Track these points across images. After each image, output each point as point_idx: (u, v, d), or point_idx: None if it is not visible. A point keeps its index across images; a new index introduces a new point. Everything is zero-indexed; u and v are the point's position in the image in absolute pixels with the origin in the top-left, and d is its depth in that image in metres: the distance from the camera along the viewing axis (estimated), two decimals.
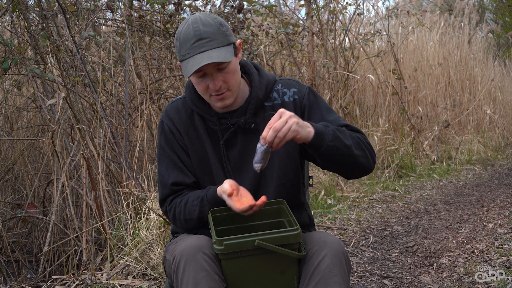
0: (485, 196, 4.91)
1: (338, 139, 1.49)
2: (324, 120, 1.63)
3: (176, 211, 1.68)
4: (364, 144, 1.58)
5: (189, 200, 1.66)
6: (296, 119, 1.43)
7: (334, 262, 1.46)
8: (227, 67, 1.56)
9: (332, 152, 1.50)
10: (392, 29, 7.51)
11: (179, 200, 1.68)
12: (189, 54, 1.53)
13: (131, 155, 3.70)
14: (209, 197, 1.62)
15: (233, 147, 1.69)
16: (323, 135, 1.48)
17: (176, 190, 1.71)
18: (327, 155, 1.51)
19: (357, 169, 1.59)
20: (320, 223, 3.93)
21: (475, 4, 13.11)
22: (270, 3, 5.47)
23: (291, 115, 1.44)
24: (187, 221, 1.67)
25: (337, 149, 1.50)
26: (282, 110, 1.45)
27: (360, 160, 1.56)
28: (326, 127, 1.50)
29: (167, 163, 1.71)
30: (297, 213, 1.74)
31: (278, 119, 1.43)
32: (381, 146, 5.92)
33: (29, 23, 3.35)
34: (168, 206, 1.71)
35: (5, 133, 3.77)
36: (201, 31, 1.53)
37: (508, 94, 9.54)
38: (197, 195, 1.66)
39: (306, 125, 1.46)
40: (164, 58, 4.61)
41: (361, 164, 1.57)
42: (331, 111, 1.69)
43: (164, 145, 1.72)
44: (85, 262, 2.92)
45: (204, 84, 1.59)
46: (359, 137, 1.58)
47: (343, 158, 1.53)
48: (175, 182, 1.69)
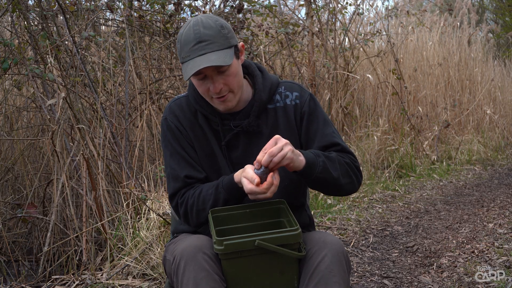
0: (485, 196, 4.91)
1: (327, 171, 1.56)
2: (320, 132, 1.68)
3: (188, 203, 1.64)
4: (352, 169, 1.65)
5: (203, 190, 1.63)
6: (291, 147, 1.47)
7: (334, 262, 1.46)
8: (228, 70, 1.56)
9: (320, 182, 1.57)
10: (392, 29, 7.51)
11: (192, 192, 1.65)
12: (189, 56, 1.53)
13: (131, 155, 3.70)
14: (224, 184, 1.60)
15: (235, 149, 1.69)
16: (313, 166, 1.53)
17: (189, 183, 1.68)
18: (315, 183, 1.58)
19: (342, 194, 1.69)
20: (320, 223, 3.93)
21: (475, 4, 13.12)
22: (270, 3, 5.47)
23: (286, 142, 1.47)
24: (199, 212, 1.63)
25: (325, 180, 1.57)
26: (277, 136, 1.48)
27: (345, 188, 1.64)
28: (317, 158, 1.55)
29: (178, 158, 1.69)
30: (297, 213, 1.74)
31: (274, 145, 1.46)
32: (381, 146, 5.92)
33: (29, 23, 3.35)
34: (180, 199, 1.67)
35: (5, 133, 3.77)
36: (201, 34, 1.52)
37: (508, 94, 9.54)
38: (211, 185, 1.63)
39: (298, 154, 1.51)
40: (164, 58, 4.61)
41: (346, 190, 1.66)
42: (328, 124, 1.71)
43: (172, 141, 1.70)
44: (85, 262, 2.92)
45: (205, 87, 1.59)
46: (348, 163, 1.64)
47: (329, 186, 1.61)
48: (188, 175, 1.67)
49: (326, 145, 1.67)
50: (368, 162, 5.59)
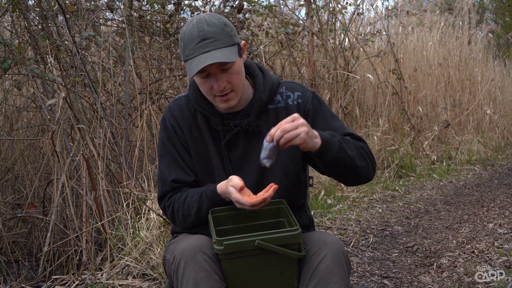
0: (485, 196, 4.91)
1: (343, 150, 1.52)
2: (328, 127, 1.66)
3: (174, 207, 1.67)
4: (367, 154, 1.62)
5: (188, 196, 1.65)
6: (307, 128, 1.45)
7: (334, 262, 1.46)
8: (231, 67, 1.56)
9: (336, 162, 1.53)
10: (392, 29, 7.51)
11: (178, 196, 1.67)
12: (193, 54, 1.53)
13: (131, 155, 3.70)
14: (208, 194, 1.62)
15: (234, 149, 1.69)
16: (330, 146, 1.50)
17: (176, 188, 1.70)
18: (331, 164, 1.54)
19: (358, 179, 1.63)
20: (320, 223, 3.93)
21: (475, 4, 13.12)
22: (270, 3, 5.47)
23: (303, 122, 1.45)
24: (185, 217, 1.66)
25: (341, 160, 1.53)
26: (296, 115, 1.46)
27: (361, 171, 1.59)
28: (333, 137, 1.52)
29: (169, 160, 1.71)
30: (297, 214, 1.74)
31: (290, 122, 1.44)
32: (381, 146, 5.92)
33: (29, 23, 3.35)
34: (167, 202, 1.70)
35: (5, 133, 3.77)
36: (205, 31, 1.52)
37: (508, 94, 9.54)
38: (196, 192, 1.65)
39: (314, 135, 1.48)
40: (164, 58, 4.61)
41: (362, 174, 1.61)
42: (335, 118, 1.71)
43: (166, 142, 1.72)
44: (85, 262, 2.92)
45: (208, 85, 1.58)
46: (362, 146, 1.62)
47: (346, 168, 1.56)
48: (175, 179, 1.69)
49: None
50: None
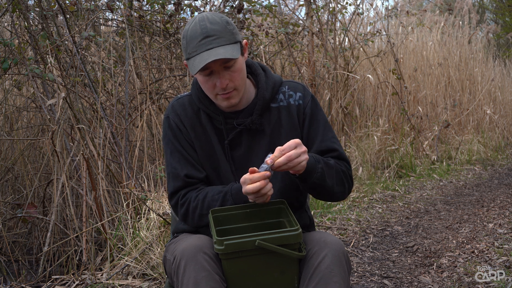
0: (485, 196, 4.91)
1: (323, 179, 1.58)
2: (320, 135, 1.69)
3: (191, 205, 1.64)
4: (347, 178, 1.68)
5: (208, 195, 1.63)
6: (307, 156, 1.50)
7: (334, 262, 1.46)
8: (234, 65, 1.56)
9: (314, 188, 1.60)
10: (392, 29, 7.51)
11: (195, 195, 1.65)
12: (196, 51, 1.53)
13: (131, 155, 3.70)
14: (233, 192, 1.61)
15: (238, 147, 1.69)
16: (312, 172, 1.55)
17: (190, 183, 1.68)
18: (310, 188, 1.60)
19: (331, 200, 1.73)
20: (320, 223, 3.93)
21: (475, 4, 13.12)
22: (270, 3, 5.48)
23: (305, 150, 1.49)
24: (202, 216, 1.63)
25: (320, 186, 1.59)
26: (298, 141, 1.49)
27: (336, 195, 1.67)
28: (317, 163, 1.56)
29: (179, 157, 1.69)
30: (297, 214, 1.74)
31: (293, 149, 1.47)
32: (381, 146, 5.92)
33: (29, 23, 3.35)
34: (181, 200, 1.67)
35: (5, 133, 3.77)
36: (208, 29, 1.53)
37: (508, 94, 9.54)
38: (218, 190, 1.64)
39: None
40: (164, 58, 4.61)
41: (335, 198, 1.69)
42: (328, 129, 1.73)
43: (173, 139, 1.71)
44: (85, 262, 2.92)
45: (211, 83, 1.59)
46: (343, 170, 1.67)
47: (321, 192, 1.64)
48: (188, 174, 1.67)
49: (324, 150, 1.68)
50: (368, 162, 5.59)
